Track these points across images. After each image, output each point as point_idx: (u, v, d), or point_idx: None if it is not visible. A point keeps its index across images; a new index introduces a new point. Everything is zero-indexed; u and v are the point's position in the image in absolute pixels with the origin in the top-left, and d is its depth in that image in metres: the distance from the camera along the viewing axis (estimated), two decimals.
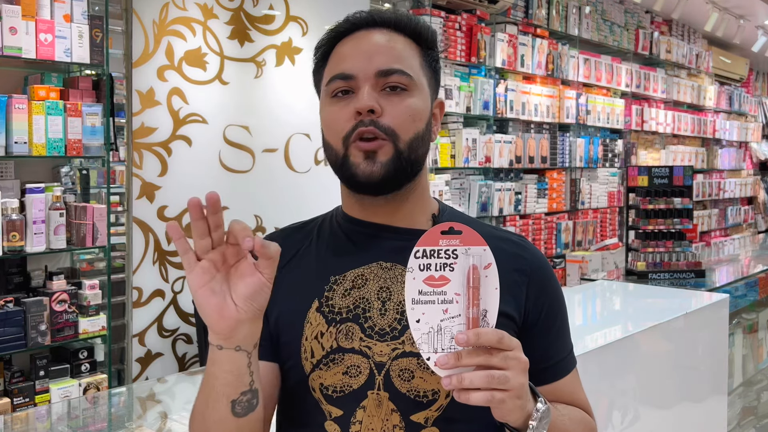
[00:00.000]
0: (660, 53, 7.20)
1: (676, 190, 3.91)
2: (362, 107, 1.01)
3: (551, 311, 1.11)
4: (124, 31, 3.26)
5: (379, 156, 1.02)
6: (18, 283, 3.01)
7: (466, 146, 4.81)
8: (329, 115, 1.06)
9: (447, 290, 0.90)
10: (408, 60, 1.06)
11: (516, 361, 0.88)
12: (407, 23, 1.09)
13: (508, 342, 0.88)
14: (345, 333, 1.03)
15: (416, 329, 0.90)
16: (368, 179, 1.02)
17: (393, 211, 1.09)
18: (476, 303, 0.90)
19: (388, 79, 1.04)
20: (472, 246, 0.91)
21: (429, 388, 1.02)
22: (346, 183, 1.07)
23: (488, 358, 0.87)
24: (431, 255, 0.90)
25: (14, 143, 2.83)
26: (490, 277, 0.90)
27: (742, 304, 3.93)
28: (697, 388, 3.03)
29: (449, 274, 0.90)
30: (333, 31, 1.10)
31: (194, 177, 3.44)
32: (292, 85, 3.79)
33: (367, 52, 1.05)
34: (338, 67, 1.06)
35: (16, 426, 2.00)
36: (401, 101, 1.04)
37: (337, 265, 1.08)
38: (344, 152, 1.03)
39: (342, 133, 1.03)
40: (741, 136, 9.26)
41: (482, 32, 4.93)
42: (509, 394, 0.87)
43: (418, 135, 1.05)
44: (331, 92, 1.06)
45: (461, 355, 0.88)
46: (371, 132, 1.01)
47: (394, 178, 1.03)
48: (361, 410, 1.02)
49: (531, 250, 1.13)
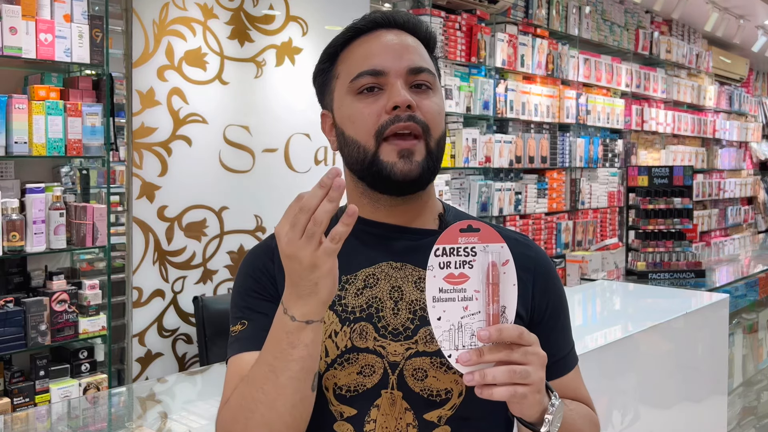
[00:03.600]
0: (660, 53, 7.20)
1: (676, 190, 3.92)
2: (402, 101, 1.02)
3: (555, 308, 1.13)
4: (124, 31, 3.26)
5: (415, 155, 1.02)
6: (18, 283, 3.01)
7: (466, 146, 4.81)
8: (356, 111, 1.05)
9: (467, 287, 0.91)
10: (428, 60, 1.09)
11: (536, 356, 0.90)
12: (420, 27, 1.11)
13: (528, 337, 0.90)
14: (359, 332, 1.03)
15: (437, 327, 0.91)
16: (405, 178, 1.02)
17: (404, 212, 1.09)
18: (496, 299, 0.91)
19: (418, 77, 1.05)
20: (491, 243, 0.92)
21: (442, 387, 1.02)
22: (378, 182, 1.05)
23: (509, 353, 0.89)
24: (451, 253, 0.91)
25: (14, 143, 2.82)
26: (508, 274, 0.92)
27: (742, 304, 3.93)
28: (697, 388, 3.03)
29: (468, 272, 0.92)
30: (351, 28, 1.10)
31: (194, 177, 3.44)
32: (292, 85, 3.79)
33: (397, 50, 1.06)
34: (366, 63, 1.05)
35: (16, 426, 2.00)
36: (429, 98, 1.06)
37: (347, 264, 1.07)
38: (375, 149, 1.03)
39: (373, 128, 1.03)
40: (741, 136, 9.26)
41: (482, 32, 4.93)
42: (530, 388, 0.88)
43: (443, 133, 1.08)
44: (358, 88, 1.05)
45: (483, 351, 0.89)
46: (409, 128, 1.02)
47: (426, 177, 1.04)
48: (375, 409, 1.02)
49: (535, 249, 1.15)
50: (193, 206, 3.45)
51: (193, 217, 3.45)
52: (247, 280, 1.11)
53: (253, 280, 1.10)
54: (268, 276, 1.09)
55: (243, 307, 1.09)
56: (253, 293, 1.09)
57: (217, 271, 3.54)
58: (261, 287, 1.09)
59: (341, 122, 1.08)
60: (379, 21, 1.09)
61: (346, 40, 1.10)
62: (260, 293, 1.08)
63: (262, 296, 1.08)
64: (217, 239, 3.54)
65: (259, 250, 1.14)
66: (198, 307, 3.24)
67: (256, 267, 1.11)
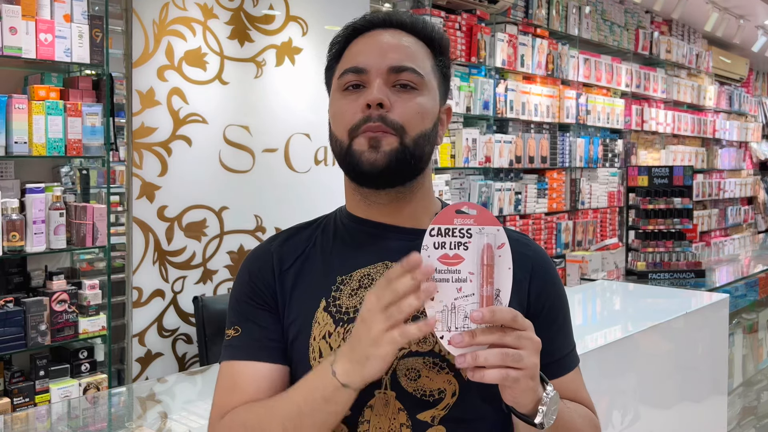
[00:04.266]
0: (660, 53, 7.20)
1: (676, 190, 3.92)
2: (372, 100, 1.02)
3: (553, 308, 1.12)
4: (124, 31, 3.26)
5: (383, 145, 1.02)
6: (18, 283, 3.01)
7: (466, 146, 4.81)
8: (338, 108, 1.07)
9: (461, 269, 0.91)
10: (420, 60, 1.08)
11: (529, 341, 0.89)
12: (422, 27, 1.11)
13: (522, 322, 0.89)
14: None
15: (430, 307, 0.90)
16: (372, 167, 1.02)
17: (397, 211, 1.09)
18: (490, 281, 0.90)
19: (400, 76, 1.05)
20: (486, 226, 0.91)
21: (435, 387, 1.02)
22: (350, 173, 1.07)
23: (502, 336, 0.88)
24: (446, 233, 0.91)
25: (14, 143, 2.82)
26: (503, 257, 0.91)
27: (742, 304, 3.93)
28: (697, 388, 3.03)
29: (463, 253, 0.91)
30: (349, 28, 1.11)
31: (194, 177, 3.44)
32: (292, 85, 3.78)
33: (380, 49, 1.06)
34: (351, 61, 1.07)
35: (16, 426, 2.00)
36: (410, 98, 1.05)
37: (343, 264, 1.08)
38: (349, 143, 1.04)
39: (349, 125, 1.04)
40: (741, 136, 9.26)
41: (482, 32, 4.93)
42: (523, 373, 0.88)
43: (424, 133, 1.06)
44: (343, 85, 1.07)
45: (476, 333, 0.88)
46: (378, 128, 1.02)
47: (396, 169, 1.03)
48: (368, 409, 1.02)
49: (533, 248, 1.14)
50: (193, 206, 3.45)
51: (193, 217, 3.45)
52: (243, 286, 1.12)
53: (249, 286, 1.11)
54: (264, 283, 1.10)
55: (237, 312, 1.11)
56: (248, 300, 1.10)
57: (217, 271, 3.54)
58: (256, 295, 1.10)
59: (330, 117, 1.10)
60: (375, 20, 1.10)
61: (345, 39, 1.11)
62: (255, 301, 1.09)
63: (256, 304, 1.09)
64: (217, 239, 3.54)
65: (259, 251, 1.15)
66: (198, 307, 3.24)
67: (253, 272, 1.12)
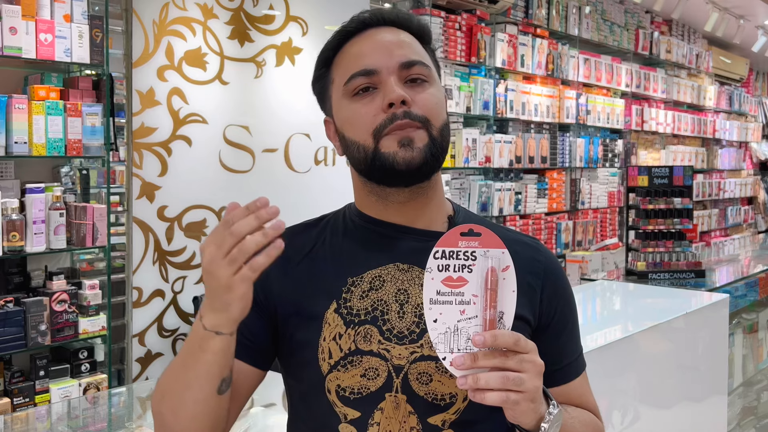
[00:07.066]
0: (660, 53, 7.20)
1: (676, 190, 3.91)
2: (396, 98, 1.01)
3: (563, 314, 1.11)
4: (124, 31, 3.26)
5: (416, 142, 1.01)
6: (18, 283, 3.01)
7: (466, 146, 4.81)
8: (353, 113, 1.05)
9: (465, 291, 0.91)
10: (422, 53, 1.08)
11: (531, 364, 0.89)
12: (411, 21, 1.10)
13: (524, 345, 0.89)
14: (363, 335, 1.03)
15: (433, 329, 0.90)
16: (409, 166, 1.01)
17: (413, 209, 1.08)
18: (493, 305, 0.90)
19: (411, 70, 1.04)
20: (491, 248, 0.91)
21: (446, 391, 1.02)
22: (378, 174, 1.04)
23: (504, 360, 0.88)
24: (450, 256, 0.91)
25: (14, 143, 2.82)
26: (507, 280, 0.91)
27: (742, 304, 3.93)
28: (697, 388, 3.03)
29: (467, 276, 0.91)
30: (341, 32, 1.09)
31: (194, 177, 3.44)
32: (292, 85, 3.78)
33: (385, 47, 1.05)
34: (357, 64, 1.05)
35: (16, 426, 2.00)
36: (425, 91, 1.05)
37: (353, 265, 1.07)
38: (375, 146, 1.02)
39: (372, 127, 1.02)
40: (741, 136, 9.26)
41: (482, 32, 4.93)
42: (523, 396, 0.88)
43: (446, 122, 1.07)
44: (352, 90, 1.05)
45: (477, 356, 0.88)
46: (407, 125, 1.01)
47: (431, 164, 1.03)
48: (378, 412, 1.02)
49: (545, 253, 1.13)
50: (193, 206, 3.45)
51: (193, 217, 3.45)
52: None
53: None
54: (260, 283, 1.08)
55: None
56: None
57: None
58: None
59: (341, 126, 1.07)
60: (368, 20, 1.08)
61: (337, 43, 1.09)
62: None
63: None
64: None
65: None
66: (198, 307, 3.23)
67: None
